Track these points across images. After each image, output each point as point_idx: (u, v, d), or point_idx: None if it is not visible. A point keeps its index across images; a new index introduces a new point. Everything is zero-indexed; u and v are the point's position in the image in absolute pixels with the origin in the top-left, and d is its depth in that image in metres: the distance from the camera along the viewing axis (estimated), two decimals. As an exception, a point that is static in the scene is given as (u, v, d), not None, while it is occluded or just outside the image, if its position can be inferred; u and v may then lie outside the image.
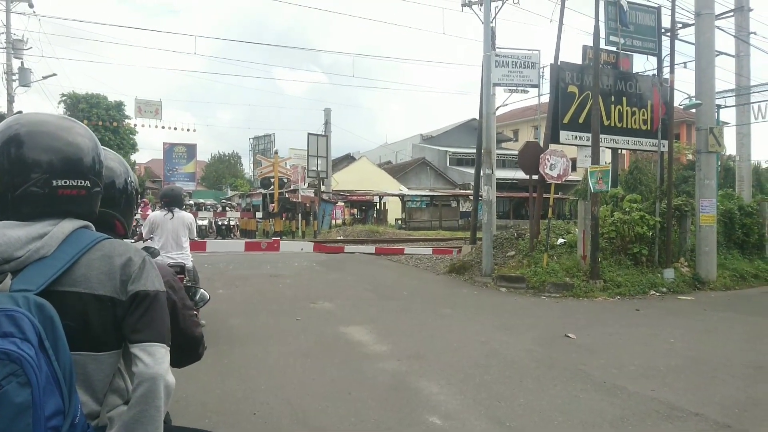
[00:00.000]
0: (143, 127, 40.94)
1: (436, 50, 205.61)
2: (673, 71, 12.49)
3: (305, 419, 4.42)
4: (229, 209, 39.19)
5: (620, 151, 14.36)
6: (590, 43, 12.00)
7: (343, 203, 35.07)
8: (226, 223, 29.36)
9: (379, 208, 37.87)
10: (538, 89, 15.00)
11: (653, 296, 10.61)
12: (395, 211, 37.98)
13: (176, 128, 39.76)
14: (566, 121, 12.23)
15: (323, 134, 32.45)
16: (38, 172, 1.33)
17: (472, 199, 19.80)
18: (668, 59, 12.66)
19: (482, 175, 13.58)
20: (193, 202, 39.59)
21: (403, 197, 37.97)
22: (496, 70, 13.77)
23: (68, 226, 1.36)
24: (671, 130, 12.81)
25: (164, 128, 39.35)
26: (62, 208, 1.38)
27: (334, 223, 31.95)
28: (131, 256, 1.41)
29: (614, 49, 12.91)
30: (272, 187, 36.21)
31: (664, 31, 13.15)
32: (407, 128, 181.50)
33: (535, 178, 12.26)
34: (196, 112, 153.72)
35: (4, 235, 1.29)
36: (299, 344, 6.71)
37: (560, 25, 12.86)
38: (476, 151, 17.19)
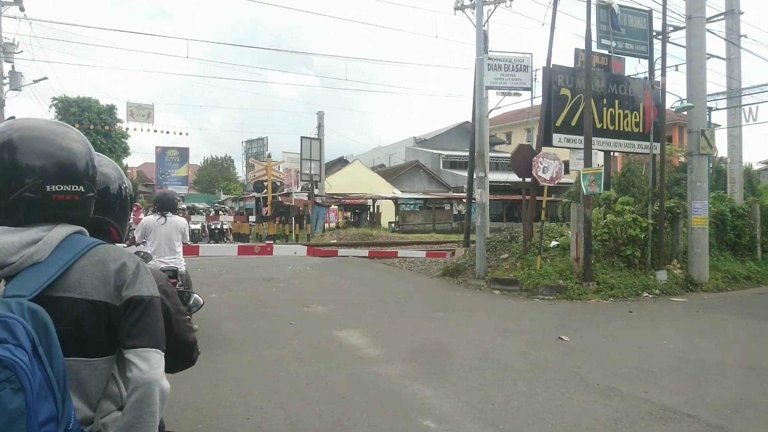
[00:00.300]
0: (135, 130, 40.83)
1: (429, 54, 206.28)
2: (664, 74, 12.57)
3: (299, 423, 4.41)
4: (222, 213, 39.04)
5: (612, 153, 14.42)
6: (582, 46, 12.06)
7: (336, 206, 35.02)
8: (219, 227, 29.21)
9: (372, 211, 37.87)
10: (530, 92, 15.00)
11: (646, 298, 10.65)
12: (389, 214, 37.96)
13: (169, 132, 39.53)
14: (559, 123, 12.27)
15: (316, 137, 32.42)
16: (32, 177, 1.33)
17: (465, 202, 19.82)
18: (660, 62, 12.74)
19: (475, 177, 13.60)
20: (186, 206, 39.42)
21: (396, 200, 37.97)
22: (488, 73, 13.80)
23: (62, 231, 1.36)
24: (663, 132, 12.87)
25: (156, 132, 39.00)
26: (56, 213, 1.37)
27: (327, 226, 31.89)
28: (125, 261, 1.40)
29: (606, 52, 12.98)
30: (265, 190, 36.16)
31: (655, 34, 13.23)
32: (400, 131, 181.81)
33: (528, 180, 12.29)
34: (188, 115, 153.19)
35: None
36: (293, 348, 6.70)
37: (552, 28, 12.95)
38: (469, 154, 17.29)
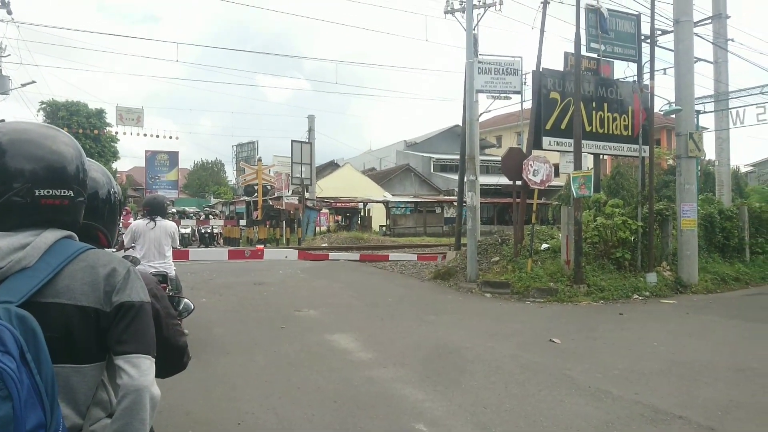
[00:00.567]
0: (125, 134, 40.43)
1: (419, 57, 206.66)
2: (653, 77, 12.67)
3: (291, 428, 4.39)
4: (212, 217, 38.90)
5: (602, 156, 14.50)
6: (572, 49, 12.14)
7: (327, 210, 34.97)
8: (209, 231, 29.07)
9: (363, 214, 37.84)
10: (520, 96, 15.10)
11: (636, 300, 10.70)
12: (380, 217, 37.94)
13: (158, 136, 39.36)
14: (549, 127, 12.33)
15: (307, 141, 32.34)
16: (21, 181, 1.31)
17: (456, 205, 19.84)
18: (648, 66, 12.86)
19: (466, 181, 13.63)
20: (175, 210, 39.24)
21: (387, 204, 37.95)
22: (479, 76, 13.85)
23: (51, 236, 1.34)
24: (652, 135, 12.97)
25: (146, 136, 38.82)
26: (45, 218, 1.35)
27: (318, 230, 31.83)
28: (116, 266, 1.39)
29: (595, 55, 13.06)
30: (256, 194, 36.04)
31: (643, 38, 13.34)
32: (391, 135, 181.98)
33: (518, 183, 12.33)
34: (178, 119, 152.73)
35: None
36: (284, 352, 6.67)
37: (542, 32, 13.01)
38: (460, 157, 17.32)
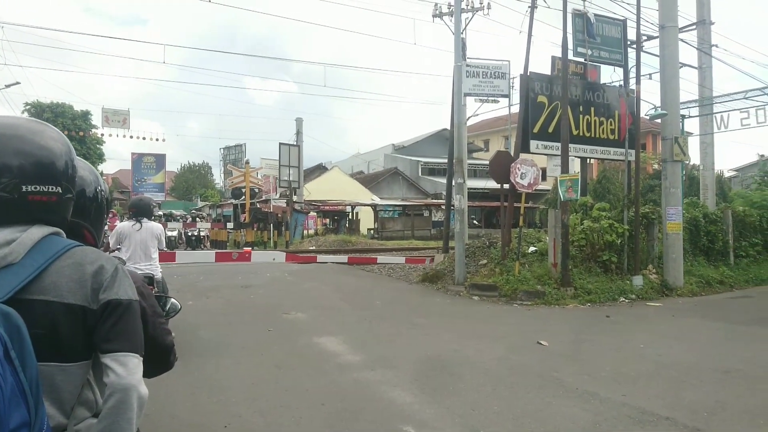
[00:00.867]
0: (111, 136, 40.19)
1: (407, 61, 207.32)
2: (639, 82, 12.80)
3: (278, 431, 4.37)
4: (199, 220, 38.69)
5: (589, 160, 14.59)
6: (559, 54, 12.20)
7: (315, 213, 34.90)
8: (196, 233, 28.91)
9: (351, 218, 37.84)
10: (508, 99, 15.16)
11: (623, 303, 10.77)
12: (368, 220, 37.95)
13: (145, 138, 39.19)
14: (536, 130, 12.38)
15: (295, 144, 32.29)
16: (8, 176, 1.29)
17: (444, 208, 19.93)
18: (634, 70, 12.98)
19: (454, 184, 13.66)
20: (162, 212, 38.96)
21: (375, 207, 37.97)
22: (467, 80, 13.89)
23: (37, 232, 1.32)
24: (638, 139, 13.06)
25: (132, 138, 38.80)
26: (32, 214, 1.33)
27: (306, 233, 31.74)
28: (103, 263, 1.37)
29: (582, 60, 13.12)
30: (243, 197, 35.91)
31: (630, 43, 13.43)
32: (379, 138, 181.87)
33: (506, 187, 12.36)
34: (165, 121, 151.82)
35: None
36: (272, 355, 6.64)
37: (529, 36, 13.07)
38: (448, 160, 17.34)
